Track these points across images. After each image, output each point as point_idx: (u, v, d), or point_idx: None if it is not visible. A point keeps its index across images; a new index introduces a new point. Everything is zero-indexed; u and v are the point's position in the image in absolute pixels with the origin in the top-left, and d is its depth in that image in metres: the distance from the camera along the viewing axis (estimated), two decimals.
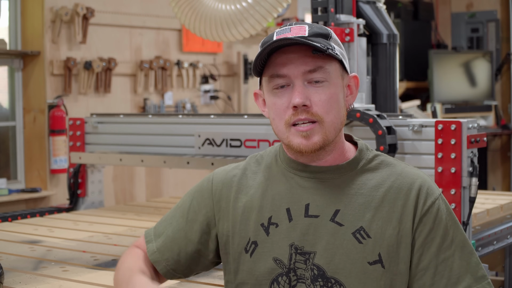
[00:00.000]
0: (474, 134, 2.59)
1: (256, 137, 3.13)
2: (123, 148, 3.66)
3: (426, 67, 7.23)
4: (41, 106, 4.93)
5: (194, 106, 6.02)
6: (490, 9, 7.44)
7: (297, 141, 1.48)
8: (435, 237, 1.48)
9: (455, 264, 1.47)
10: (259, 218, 1.54)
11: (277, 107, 1.50)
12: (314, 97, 1.47)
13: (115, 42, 5.42)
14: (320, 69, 1.48)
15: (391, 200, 1.49)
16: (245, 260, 1.54)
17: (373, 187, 1.51)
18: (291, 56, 1.48)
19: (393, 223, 1.48)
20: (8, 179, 4.93)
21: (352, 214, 1.49)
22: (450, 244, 1.48)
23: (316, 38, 1.48)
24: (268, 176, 1.59)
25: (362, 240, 1.47)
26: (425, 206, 1.48)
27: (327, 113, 1.48)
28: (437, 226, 1.48)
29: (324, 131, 1.48)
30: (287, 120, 1.48)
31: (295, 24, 1.52)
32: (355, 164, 1.55)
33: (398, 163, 1.57)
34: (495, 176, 7.30)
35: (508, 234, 3.03)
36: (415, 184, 1.51)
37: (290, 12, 6.72)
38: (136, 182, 5.58)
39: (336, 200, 1.51)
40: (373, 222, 1.48)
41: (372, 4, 3.19)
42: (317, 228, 1.49)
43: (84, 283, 2.23)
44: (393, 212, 1.48)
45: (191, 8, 3.40)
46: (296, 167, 1.55)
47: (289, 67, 1.47)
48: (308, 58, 1.47)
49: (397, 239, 1.47)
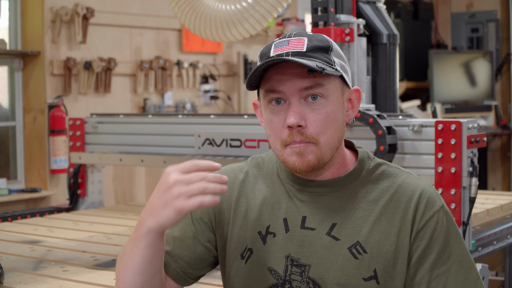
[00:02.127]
0: (474, 134, 2.59)
1: (256, 137, 3.13)
2: (123, 148, 3.66)
3: (426, 67, 7.23)
4: (41, 106, 4.93)
5: (194, 106, 6.02)
6: (490, 9, 7.44)
7: (292, 160, 1.44)
8: (431, 252, 1.44)
9: (450, 279, 1.43)
10: (257, 226, 1.52)
11: (274, 125, 1.46)
12: (310, 116, 1.42)
13: (115, 42, 5.43)
14: (318, 86, 1.42)
15: (390, 214, 1.46)
16: (240, 266, 1.52)
17: (372, 200, 1.48)
18: (287, 72, 1.42)
19: (391, 238, 1.44)
20: (8, 179, 4.94)
21: (349, 228, 1.46)
22: (447, 259, 1.44)
23: (315, 53, 1.42)
24: (268, 184, 1.56)
25: (358, 255, 1.44)
26: (423, 221, 1.44)
27: (323, 134, 1.43)
28: (434, 241, 1.44)
29: (319, 152, 1.44)
30: (284, 140, 1.44)
31: (294, 36, 1.46)
32: (355, 176, 1.50)
33: (401, 173, 1.52)
34: (495, 176, 7.30)
35: (508, 234, 3.03)
36: (414, 196, 1.46)
37: (290, 12, 6.72)
38: (136, 182, 5.58)
39: (334, 213, 1.47)
40: (370, 237, 1.44)
41: (372, 4, 3.19)
42: (312, 241, 1.47)
43: (84, 283, 2.23)
44: (391, 227, 1.45)
45: (191, 8, 3.40)
46: (294, 180, 1.52)
47: (285, 84, 1.42)
48: (305, 75, 1.42)
49: (394, 255, 1.44)
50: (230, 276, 1.54)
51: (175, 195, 1.34)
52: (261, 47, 5.55)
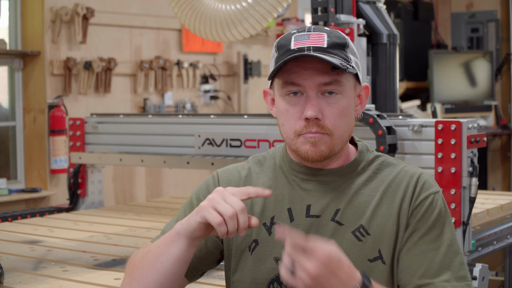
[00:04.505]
0: (474, 134, 2.59)
1: (256, 137, 3.13)
2: (123, 148, 3.66)
3: (426, 67, 7.23)
4: (41, 106, 4.93)
5: (194, 106, 6.02)
6: (490, 9, 7.44)
7: (305, 148, 1.49)
8: (420, 227, 1.48)
9: (437, 258, 1.46)
10: (262, 218, 1.55)
11: (289, 115, 1.50)
12: (326, 110, 1.48)
13: (115, 42, 5.43)
14: (336, 83, 1.48)
15: (390, 197, 1.51)
16: (247, 258, 1.55)
17: (373, 187, 1.53)
18: (308, 67, 1.46)
19: (393, 218, 1.49)
20: (8, 179, 4.93)
21: (352, 213, 1.51)
22: (436, 239, 1.48)
23: (335, 50, 1.47)
24: (271, 177, 1.60)
25: (362, 237, 1.49)
26: (418, 200, 1.50)
27: (337, 127, 1.49)
28: (425, 219, 1.49)
29: (331, 143, 1.49)
30: (298, 131, 1.49)
31: (313, 31, 1.50)
32: (355, 166, 1.56)
33: (399, 163, 1.58)
34: (495, 176, 7.30)
35: (508, 234, 3.03)
36: (413, 179, 1.52)
37: (290, 12, 6.72)
38: (136, 182, 5.58)
39: (337, 200, 1.52)
40: (372, 219, 1.50)
41: (372, 4, 3.19)
42: (318, 228, 1.51)
43: (84, 283, 2.23)
44: (392, 208, 1.50)
45: (191, 8, 3.40)
46: (298, 170, 1.57)
47: (305, 77, 1.47)
48: (325, 71, 1.46)
49: (396, 234, 1.49)
50: (237, 269, 1.57)
51: (207, 204, 1.39)
52: (261, 47, 5.55)
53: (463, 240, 2.55)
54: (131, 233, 3.09)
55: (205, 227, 1.40)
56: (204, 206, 1.39)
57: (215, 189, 1.42)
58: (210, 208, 1.38)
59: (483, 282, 2.50)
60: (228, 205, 1.37)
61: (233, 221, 1.35)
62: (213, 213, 1.37)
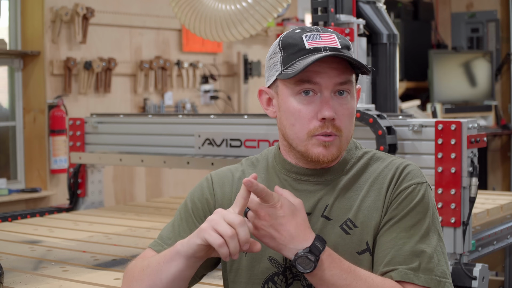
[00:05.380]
0: (474, 134, 2.59)
1: (256, 137, 3.13)
2: (123, 148, 3.66)
3: (426, 67, 7.23)
4: (41, 106, 4.93)
5: (194, 106, 6.02)
6: (490, 9, 7.44)
7: (317, 151, 1.48)
8: (393, 216, 1.47)
9: (407, 246, 1.44)
10: None
11: (302, 114, 1.48)
12: (339, 110, 1.48)
13: (115, 42, 5.43)
14: (349, 82, 1.50)
15: (378, 188, 1.51)
16: (241, 259, 1.56)
17: (362, 181, 1.53)
18: (325, 66, 1.47)
19: (379, 210, 1.49)
20: (8, 179, 4.94)
21: (340, 207, 1.51)
22: (409, 228, 1.45)
23: (345, 51, 1.49)
24: (264, 178, 1.60)
25: (349, 230, 1.49)
26: (399, 189, 1.49)
27: (346, 127, 1.50)
28: (402, 207, 1.47)
29: (340, 144, 1.50)
30: (312, 131, 1.48)
31: (323, 32, 1.51)
32: (344, 165, 1.56)
33: (388, 156, 1.58)
34: (495, 176, 7.30)
35: (508, 234, 3.03)
36: (399, 169, 1.52)
37: (290, 12, 6.72)
38: (136, 182, 5.58)
39: (326, 197, 1.53)
40: (359, 212, 1.50)
41: (372, 4, 3.19)
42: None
43: (84, 283, 2.23)
44: (378, 200, 1.50)
45: (191, 8, 3.40)
46: (290, 169, 1.56)
47: (323, 76, 1.46)
48: (342, 71, 1.48)
49: (379, 225, 1.49)
50: (232, 270, 1.57)
51: (207, 225, 1.39)
52: (261, 47, 5.54)
53: (463, 240, 2.55)
54: (131, 233, 3.09)
55: (206, 248, 1.40)
56: (204, 228, 1.39)
57: (215, 210, 1.42)
58: (210, 229, 1.38)
59: (483, 282, 2.50)
60: (227, 225, 1.36)
61: (234, 241, 1.35)
62: (214, 235, 1.36)
